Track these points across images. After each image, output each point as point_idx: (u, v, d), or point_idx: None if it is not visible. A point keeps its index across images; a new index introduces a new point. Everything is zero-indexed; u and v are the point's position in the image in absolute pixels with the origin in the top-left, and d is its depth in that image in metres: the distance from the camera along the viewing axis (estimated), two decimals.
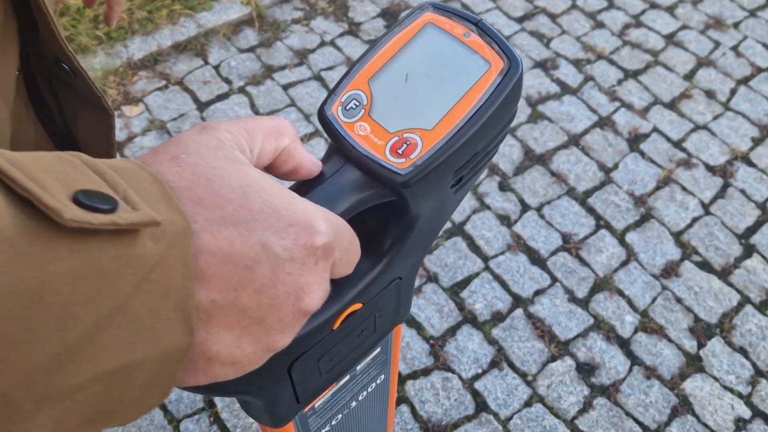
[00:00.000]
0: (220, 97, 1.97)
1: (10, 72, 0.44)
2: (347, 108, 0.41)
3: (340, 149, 0.40)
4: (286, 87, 2.00)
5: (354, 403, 0.67)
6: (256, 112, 1.93)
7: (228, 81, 2.01)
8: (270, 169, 0.36)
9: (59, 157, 0.24)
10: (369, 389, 0.67)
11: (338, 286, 0.45)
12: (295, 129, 0.38)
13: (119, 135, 1.86)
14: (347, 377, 0.59)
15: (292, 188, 0.38)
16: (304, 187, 0.38)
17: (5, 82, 0.44)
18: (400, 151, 0.39)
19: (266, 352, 0.31)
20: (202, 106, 1.94)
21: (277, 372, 0.45)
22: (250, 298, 0.28)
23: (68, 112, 0.56)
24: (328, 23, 2.18)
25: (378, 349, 0.60)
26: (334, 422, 0.66)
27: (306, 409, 0.57)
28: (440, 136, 0.39)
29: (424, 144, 0.39)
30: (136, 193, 0.25)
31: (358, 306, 0.46)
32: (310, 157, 0.38)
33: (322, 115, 0.41)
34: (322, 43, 2.13)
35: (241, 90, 1.99)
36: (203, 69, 2.03)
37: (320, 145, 1.87)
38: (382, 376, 0.68)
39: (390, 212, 0.44)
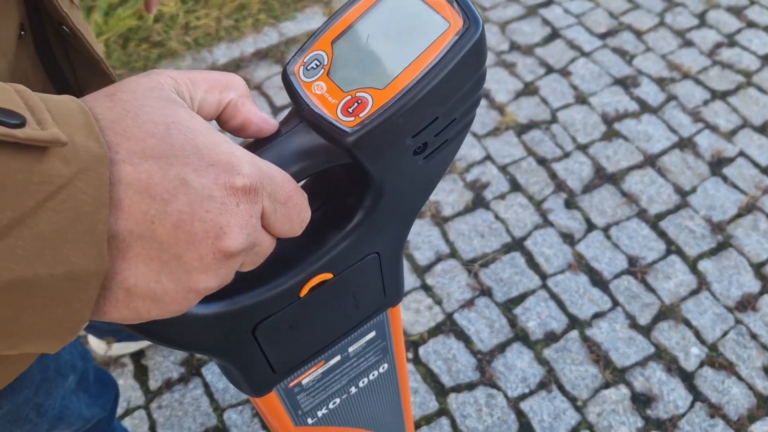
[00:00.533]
0: None
1: (11, 31, 0.48)
2: (308, 68, 0.41)
3: (296, 109, 0.40)
4: None
5: (354, 389, 0.66)
6: None
7: None
8: (218, 123, 0.37)
9: None
10: (370, 377, 0.67)
11: (300, 250, 0.45)
12: (246, 86, 0.38)
13: None
14: (338, 358, 0.59)
15: (246, 145, 0.38)
16: (257, 144, 0.39)
17: (5, 41, 0.47)
18: (350, 110, 0.39)
19: (189, 292, 0.31)
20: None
21: (240, 333, 0.45)
22: (167, 232, 0.29)
23: (81, 77, 0.59)
24: None
25: (372, 333, 0.59)
26: (331, 406, 0.66)
27: (292, 384, 0.57)
28: (391, 95, 0.38)
29: (374, 102, 0.38)
30: (54, 118, 0.26)
31: (327, 275, 0.46)
32: (261, 114, 0.38)
33: (284, 73, 0.42)
34: None
35: None
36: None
37: None
38: (385, 365, 0.67)
39: (355, 180, 0.43)
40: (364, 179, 0.43)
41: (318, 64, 0.41)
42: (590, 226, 1.71)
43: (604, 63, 2.09)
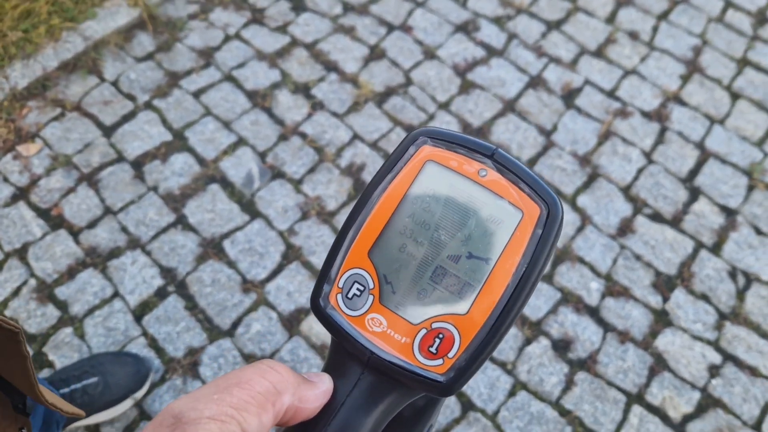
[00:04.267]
0: (126, 118, 1.78)
1: None
2: (349, 296, 0.32)
3: (353, 354, 0.32)
4: (196, 94, 1.83)
5: None
6: (170, 128, 1.76)
7: (131, 97, 1.82)
8: (277, 425, 0.29)
9: None
10: None
11: None
12: (291, 372, 0.29)
13: (19, 179, 1.66)
14: None
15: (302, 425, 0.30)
16: (321, 421, 0.30)
17: None
18: (432, 350, 0.31)
19: None
20: (108, 130, 1.75)
21: None
22: None
23: None
24: (228, 14, 2.00)
25: None
26: None
27: None
28: (480, 321, 0.31)
29: (462, 336, 0.31)
30: None
31: None
32: (319, 396, 0.30)
33: (317, 309, 0.33)
34: (227, 38, 1.95)
35: (148, 105, 1.80)
36: (100, 87, 1.83)
37: (247, 155, 1.73)
38: None
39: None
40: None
41: (362, 288, 0.32)
42: None
43: (441, 10, 2.05)
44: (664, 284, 1.61)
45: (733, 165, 1.80)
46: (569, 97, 1.89)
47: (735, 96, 1.93)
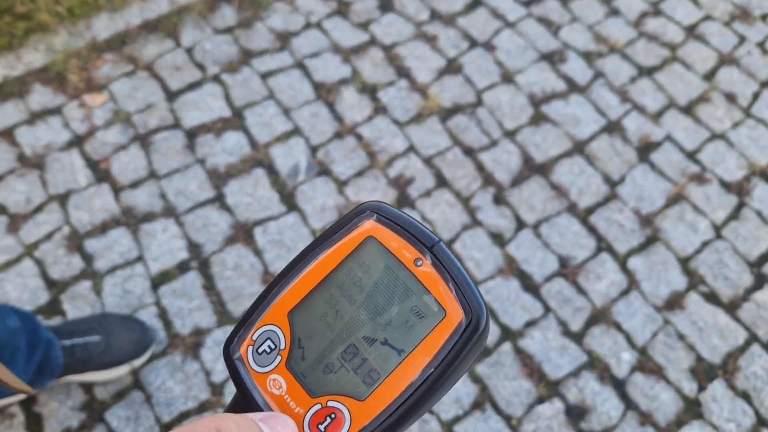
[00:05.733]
0: (192, 86, 1.79)
1: None
2: (259, 350, 0.32)
3: (247, 410, 0.31)
4: (265, 76, 1.82)
5: None
6: (231, 105, 1.76)
7: (201, 67, 1.83)
8: None
9: None
10: None
11: None
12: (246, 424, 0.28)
13: (79, 127, 1.69)
14: None
15: None
16: None
17: None
18: (321, 427, 0.31)
19: None
20: (171, 95, 1.77)
21: None
22: None
23: None
24: (314, 2, 1.98)
25: None
26: None
27: None
28: (374, 412, 0.30)
29: (353, 421, 0.30)
30: None
31: None
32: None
33: (227, 355, 0.33)
34: (308, 26, 1.93)
35: (216, 78, 1.81)
36: (174, 53, 1.85)
37: (299, 146, 1.71)
38: None
39: None
40: None
41: (272, 347, 0.32)
42: (520, 224, 1.63)
43: (529, 35, 1.96)
44: (703, 372, 1.47)
45: None
46: (645, 150, 1.77)
47: None
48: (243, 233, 1.57)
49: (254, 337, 0.32)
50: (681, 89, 1.89)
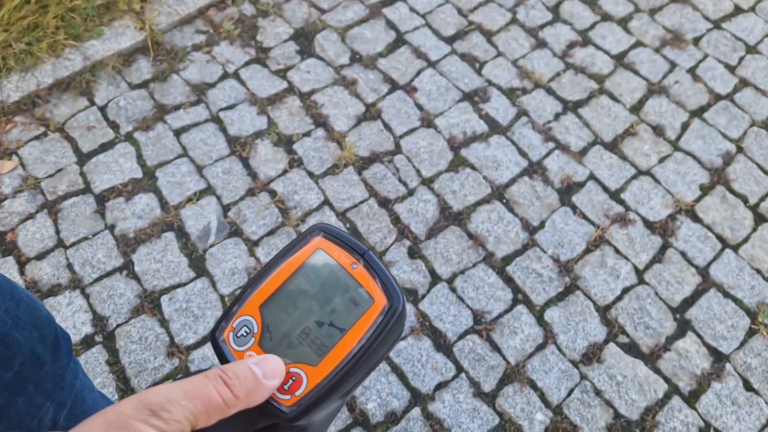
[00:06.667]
0: (104, 147, 1.76)
1: None
2: (238, 335, 0.43)
3: None
4: (178, 132, 1.79)
5: None
6: (143, 164, 1.73)
7: (115, 126, 1.80)
8: None
9: None
10: None
11: None
12: (250, 377, 0.38)
13: None
14: None
15: None
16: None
17: None
18: (285, 387, 0.41)
19: None
20: (83, 157, 1.74)
21: None
22: None
23: None
24: (232, 49, 1.94)
25: None
26: None
27: None
28: (324, 373, 0.41)
29: (308, 381, 0.41)
30: None
31: None
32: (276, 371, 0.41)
33: (214, 341, 0.43)
34: (224, 75, 1.90)
35: (129, 137, 1.78)
36: (88, 111, 1.82)
37: (210, 206, 1.67)
38: None
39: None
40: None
41: (248, 331, 0.43)
42: (435, 278, 1.59)
43: (451, 74, 1.92)
44: (620, 430, 1.43)
45: (737, 301, 1.59)
46: (567, 191, 1.73)
47: (759, 219, 1.70)
48: (149, 302, 1.54)
49: (234, 325, 0.43)
50: (607, 124, 1.84)
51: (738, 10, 2.09)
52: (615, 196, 1.72)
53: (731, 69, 1.96)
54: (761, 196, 1.74)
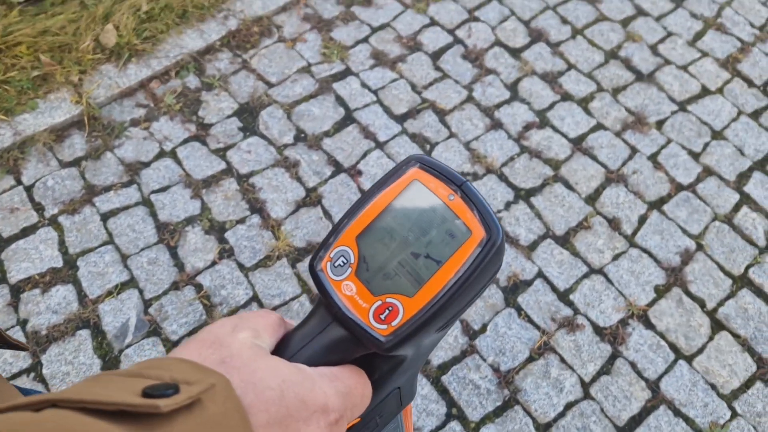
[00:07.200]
0: (26, 231, 1.67)
1: None
2: (335, 264, 0.43)
3: (328, 306, 0.43)
4: (106, 216, 1.70)
5: None
6: (64, 252, 1.63)
7: (40, 208, 1.71)
8: None
9: (97, 379, 0.30)
10: None
11: None
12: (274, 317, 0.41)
13: None
14: None
15: (285, 344, 0.42)
16: (298, 341, 0.42)
17: None
18: (382, 317, 0.41)
19: None
20: (1, 243, 1.64)
21: None
22: None
23: None
24: (172, 125, 1.86)
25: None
26: None
27: None
28: (421, 304, 0.40)
29: (405, 311, 0.41)
30: (181, 374, 0.30)
31: (356, 420, 0.46)
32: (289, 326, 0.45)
33: (311, 269, 0.44)
34: (161, 154, 1.81)
35: (53, 221, 1.69)
36: (13, 192, 1.73)
37: (131, 300, 1.57)
38: None
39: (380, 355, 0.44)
40: (389, 358, 0.44)
41: (345, 261, 0.43)
42: None
43: (399, 156, 1.83)
44: None
45: (688, 420, 1.47)
46: (513, 290, 1.62)
47: (717, 326, 1.60)
48: None
49: (332, 255, 0.43)
50: (560, 215, 1.74)
51: (705, 92, 2.00)
52: (564, 297, 1.62)
53: (695, 156, 1.87)
54: (719, 300, 1.63)
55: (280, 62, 1.99)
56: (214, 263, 1.64)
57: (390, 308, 0.41)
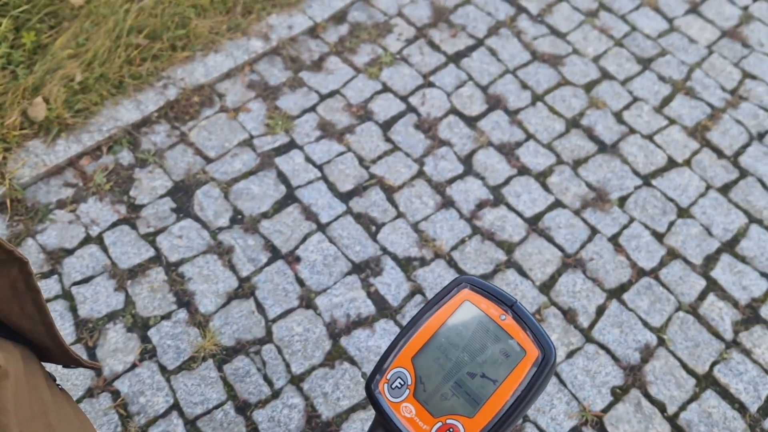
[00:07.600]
0: None
1: None
2: (393, 386, 0.48)
3: (388, 430, 0.47)
4: None
5: None
6: None
7: None
8: None
9: None
10: None
11: None
12: None
13: None
14: None
15: None
16: None
17: None
18: None
19: None
20: None
21: None
22: None
23: None
24: (100, 207, 1.74)
25: None
26: None
27: None
28: (481, 424, 0.44)
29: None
30: None
31: None
32: None
33: (369, 392, 0.49)
34: (86, 240, 1.69)
35: None
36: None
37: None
38: None
39: None
40: None
41: (402, 383, 0.47)
42: None
43: (342, 239, 1.71)
44: None
45: None
46: None
47: None
48: None
49: (388, 377, 0.49)
50: None
51: (672, 163, 1.88)
52: None
53: (659, 237, 1.75)
54: (681, 404, 1.50)
55: (220, 134, 1.88)
56: (134, 366, 1.51)
57: (451, 429, 0.44)
